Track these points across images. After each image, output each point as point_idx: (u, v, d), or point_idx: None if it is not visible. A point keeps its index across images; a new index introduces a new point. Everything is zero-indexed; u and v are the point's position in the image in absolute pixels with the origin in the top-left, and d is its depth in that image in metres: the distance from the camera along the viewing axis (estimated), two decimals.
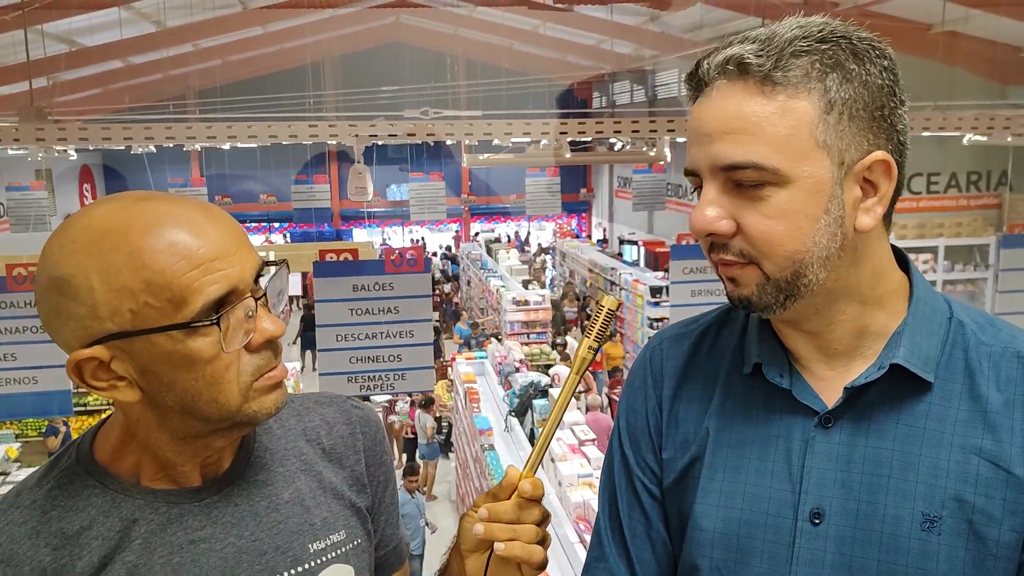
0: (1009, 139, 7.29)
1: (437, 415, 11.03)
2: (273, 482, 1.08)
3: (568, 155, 9.17)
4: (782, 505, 1.01)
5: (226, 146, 12.09)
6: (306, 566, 1.05)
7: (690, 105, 1.00)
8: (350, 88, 15.10)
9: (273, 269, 1.01)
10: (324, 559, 1.07)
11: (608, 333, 1.06)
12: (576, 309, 15.58)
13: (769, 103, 0.91)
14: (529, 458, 1.06)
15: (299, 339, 15.06)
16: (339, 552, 1.09)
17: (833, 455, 0.99)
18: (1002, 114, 5.28)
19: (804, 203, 0.92)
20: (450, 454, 10.81)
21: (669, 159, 11.20)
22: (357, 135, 3.91)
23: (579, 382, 1.07)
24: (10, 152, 10.41)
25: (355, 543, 1.11)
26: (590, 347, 1.05)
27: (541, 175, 15.45)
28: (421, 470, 10.44)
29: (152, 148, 7.74)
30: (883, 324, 1.01)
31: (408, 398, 10.83)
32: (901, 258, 1.06)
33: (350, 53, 20.21)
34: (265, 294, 0.99)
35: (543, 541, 1.06)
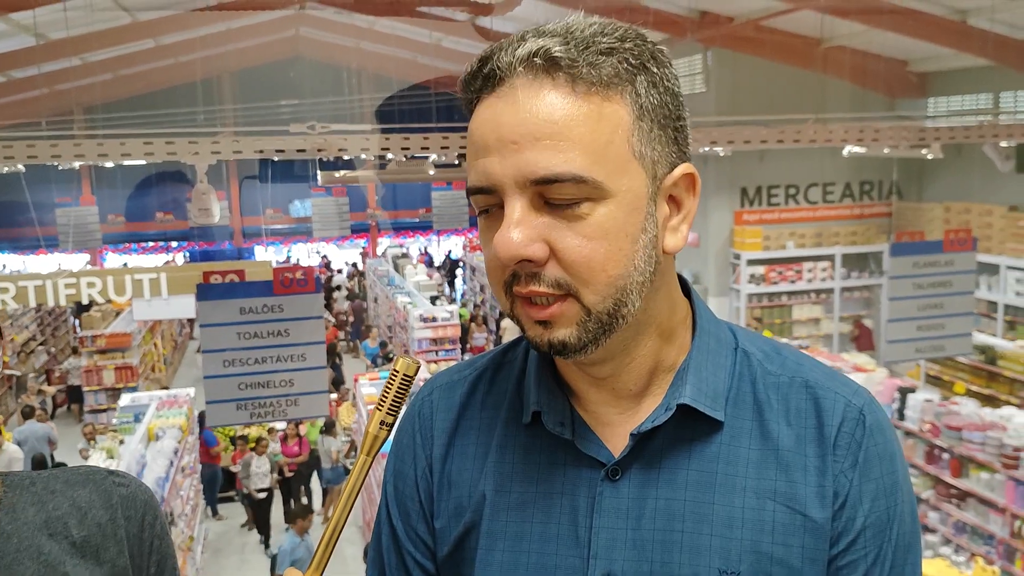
0: (886, 151, 7.52)
1: (344, 439, 10.73)
2: None
3: (432, 171, 9.05)
4: (571, 573, 0.89)
5: (109, 163, 11.56)
6: None
7: (467, 110, 0.85)
8: (247, 103, 14.66)
9: None
10: None
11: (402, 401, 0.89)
12: (485, 335, 15.41)
13: (584, 105, 0.78)
14: (315, 555, 0.86)
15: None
16: None
17: (623, 511, 0.88)
18: (871, 126, 5.40)
19: (624, 221, 0.80)
20: None
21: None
22: (197, 153, 3.69)
23: (371, 464, 0.88)
24: None
25: None
26: (383, 422, 0.87)
27: (447, 189, 15.32)
28: (328, 496, 10.14)
29: (20, 167, 7.26)
30: (673, 359, 0.91)
31: (280, 433, 10.32)
32: (683, 284, 0.95)
33: (248, 68, 19.71)
34: None
35: None
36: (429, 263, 22.61)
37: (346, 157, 10.22)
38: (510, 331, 14.99)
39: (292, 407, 6.10)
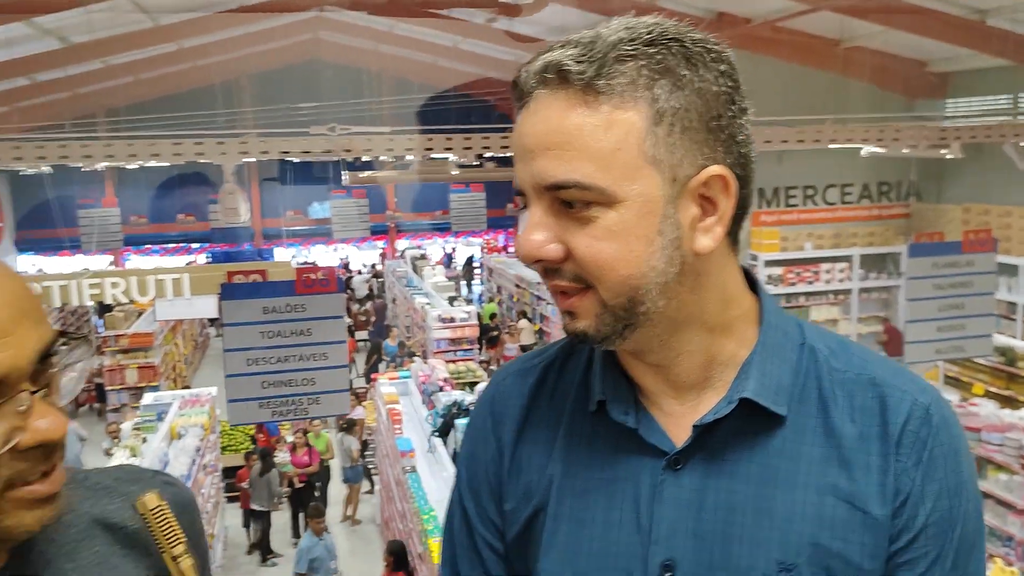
0: (905, 151, 7.49)
1: (364, 438, 10.81)
2: None
3: (455, 171, 9.11)
4: (631, 559, 0.92)
5: (133, 165, 11.71)
6: None
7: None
8: (266, 106, 14.79)
9: (64, 351, 0.82)
10: None
11: (179, 533, 0.95)
12: (517, 345, 15.37)
13: (593, 115, 0.82)
14: None
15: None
16: None
17: (684, 501, 0.91)
18: (891, 126, 5.41)
19: (635, 224, 0.83)
20: (374, 477, 10.61)
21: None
22: (224, 153, 3.76)
23: None
24: None
25: None
26: (173, 557, 0.93)
27: (466, 191, 15.40)
28: (347, 494, 10.22)
29: (46, 168, 7.39)
30: (732, 353, 0.93)
31: (288, 444, 10.18)
32: (749, 278, 0.98)
33: (268, 71, 19.88)
34: (49, 384, 0.79)
35: None
36: (448, 264, 22.71)
37: (365, 159, 10.31)
38: (526, 331, 15.04)
39: (313, 405, 6.18)
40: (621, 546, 0.92)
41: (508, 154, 11.15)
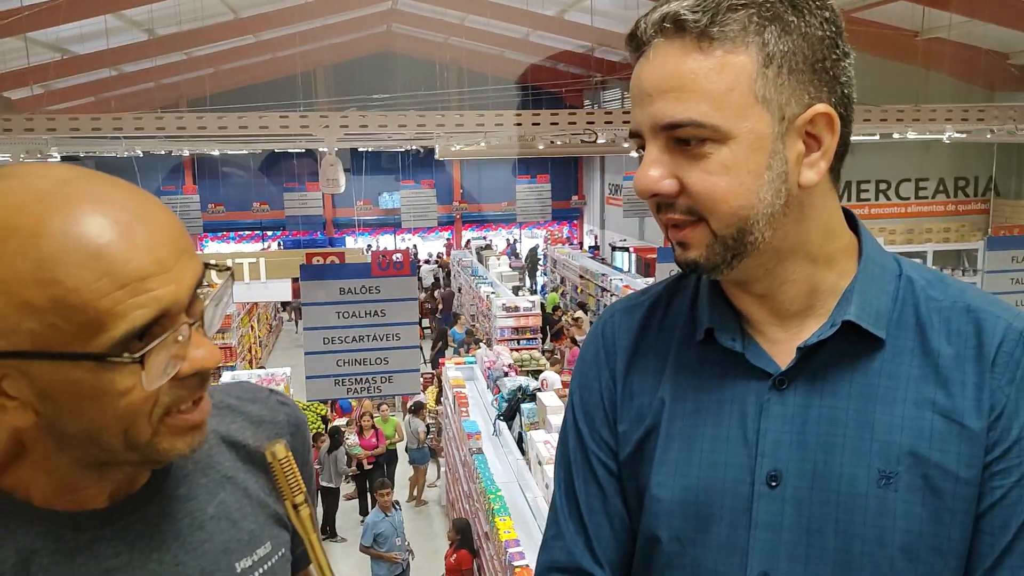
0: (989, 136, 7.33)
1: (430, 420, 11.04)
2: (196, 495, 0.94)
3: (541, 146, 9.20)
4: (739, 470, 1.00)
5: (215, 152, 12.09)
6: None
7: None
8: (342, 96, 15.12)
9: (217, 285, 0.86)
10: None
11: (301, 484, 0.99)
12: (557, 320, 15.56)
13: (707, 59, 0.90)
14: None
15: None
16: (265, 568, 0.98)
17: (788, 417, 0.99)
18: (976, 107, 5.33)
19: (746, 159, 0.91)
20: (440, 459, 10.82)
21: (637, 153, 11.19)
22: (327, 126, 3.94)
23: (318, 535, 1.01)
24: None
25: (279, 554, 1.01)
26: (295, 505, 0.98)
27: (532, 182, 15.55)
28: (412, 475, 10.46)
29: (139, 152, 7.76)
30: (833, 283, 1.01)
31: (355, 427, 10.34)
32: (849, 217, 1.05)
33: (342, 62, 20.27)
34: (203, 316, 0.82)
35: None
36: (512, 254, 22.86)
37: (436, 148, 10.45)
38: (584, 323, 15.11)
39: (386, 384, 6.36)
40: (730, 458, 1.01)
41: (578, 137, 11.20)
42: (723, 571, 1.00)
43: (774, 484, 0.98)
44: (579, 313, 15.66)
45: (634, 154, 1.03)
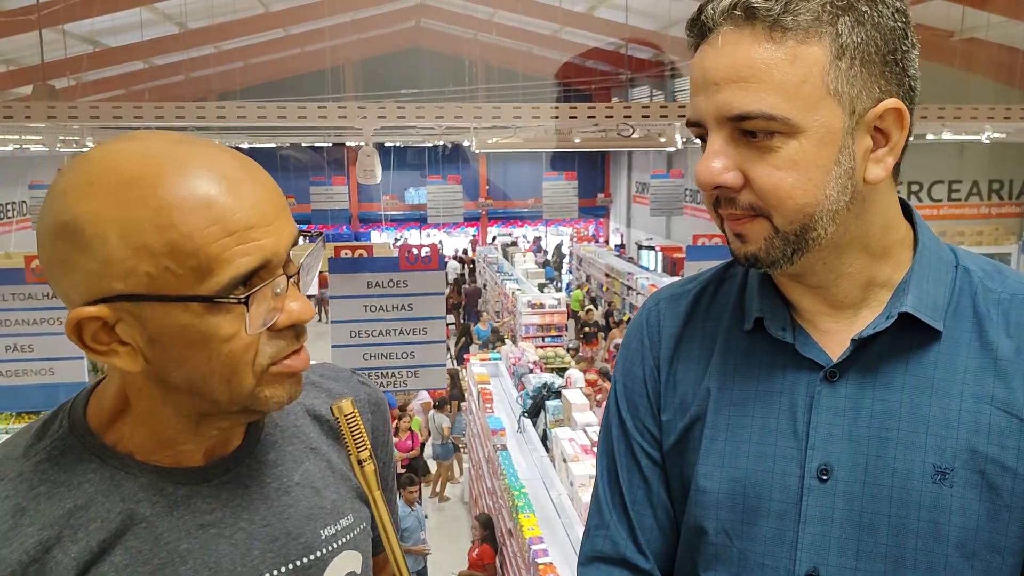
0: None
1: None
2: (283, 462, 1.00)
3: (578, 140, 9.19)
4: (788, 462, 0.98)
5: (244, 144, 12.16)
6: (318, 554, 0.98)
7: (692, 53, 0.95)
8: (370, 91, 15.16)
9: (312, 246, 0.92)
10: (335, 546, 1.00)
11: (366, 440, 1.02)
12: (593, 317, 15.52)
13: (778, 49, 0.86)
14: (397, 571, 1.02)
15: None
16: (348, 538, 1.02)
17: (840, 409, 0.96)
18: (1019, 106, 5.22)
19: (815, 154, 0.88)
20: (463, 455, 10.83)
21: (680, 144, 11.10)
22: (365, 117, 3.94)
23: (382, 496, 1.04)
24: (32, 149, 10.54)
25: (361, 527, 1.05)
26: (359, 460, 1.01)
27: (559, 179, 15.49)
28: (434, 471, 10.47)
29: None
30: (889, 275, 0.98)
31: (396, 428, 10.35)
32: (905, 207, 1.03)
33: (370, 57, 20.34)
34: (298, 272, 0.88)
35: None
36: (537, 251, 22.85)
37: (465, 144, 10.43)
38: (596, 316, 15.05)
39: (412, 378, 6.38)
40: (779, 451, 0.99)
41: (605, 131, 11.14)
42: (771, 565, 0.98)
43: (825, 478, 0.96)
44: (589, 307, 15.63)
45: (669, 146, 0.99)
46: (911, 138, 0.95)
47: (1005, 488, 0.91)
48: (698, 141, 0.97)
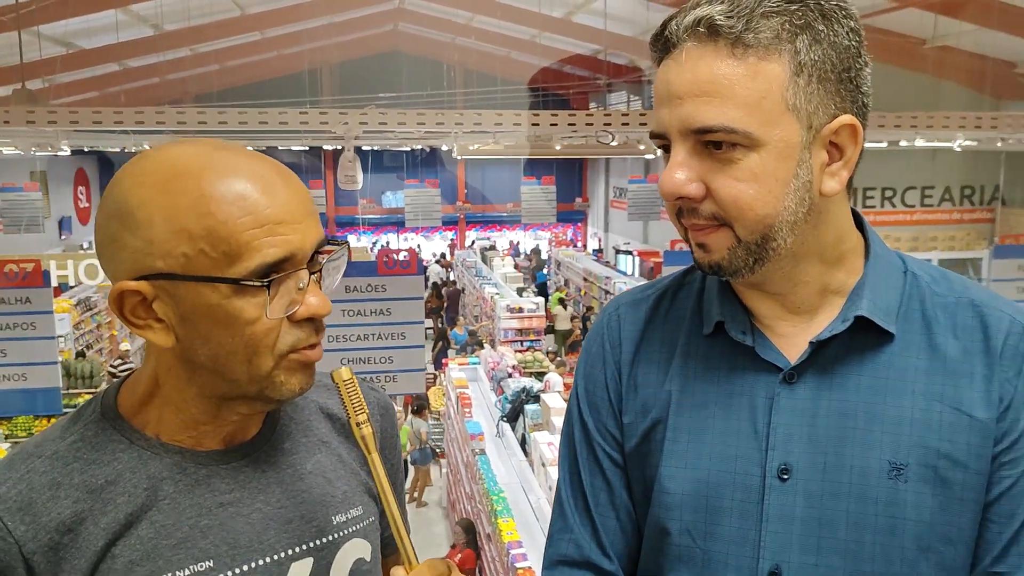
0: (999, 144, 7.31)
1: (433, 421, 11.01)
2: (297, 451, 1.07)
3: (558, 147, 9.21)
4: (749, 463, 1.01)
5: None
6: (329, 537, 1.05)
7: (655, 67, 0.98)
8: (348, 95, 15.12)
9: (335, 249, 0.99)
10: (345, 532, 1.07)
11: (364, 405, 1.04)
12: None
13: (740, 65, 0.90)
14: (402, 555, 1.00)
15: None
16: (358, 527, 1.08)
17: (798, 410, 1.00)
18: (989, 114, 5.32)
19: (774, 167, 0.92)
20: (441, 460, 10.81)
21: (659, 152, 11.21)
22: (347, 123, 3.93)
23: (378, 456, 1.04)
24: (5, 152, 10.41)
25: (370, 520, 1.11)
26: (357, 423, 1.02)
27: (536, 183, 15.49)
28: (411, 476, 10.44)
29: (146, 146, 7.78)
30: (843, 281, 1.02)
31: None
32: (856, 217, 1.07)
33: (348, 60, 20.27)
34: (321, 271, 0.96)
35: None
36: (516, 254, 22.86)
37: (444, 148, 10.41)
38: (561, 318, 15.07)
39: (391, 383, 6.34)
40: (740, 451, 1.01)
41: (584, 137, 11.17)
42: (734, 564, 1.01)
43: (785, 477, 0.99)
44: (557, 308, 15.67)
45: (645, 156, 1.01)
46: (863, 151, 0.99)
47: (956, 482, 0.95)
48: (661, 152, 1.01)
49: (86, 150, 14.36)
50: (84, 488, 0.92)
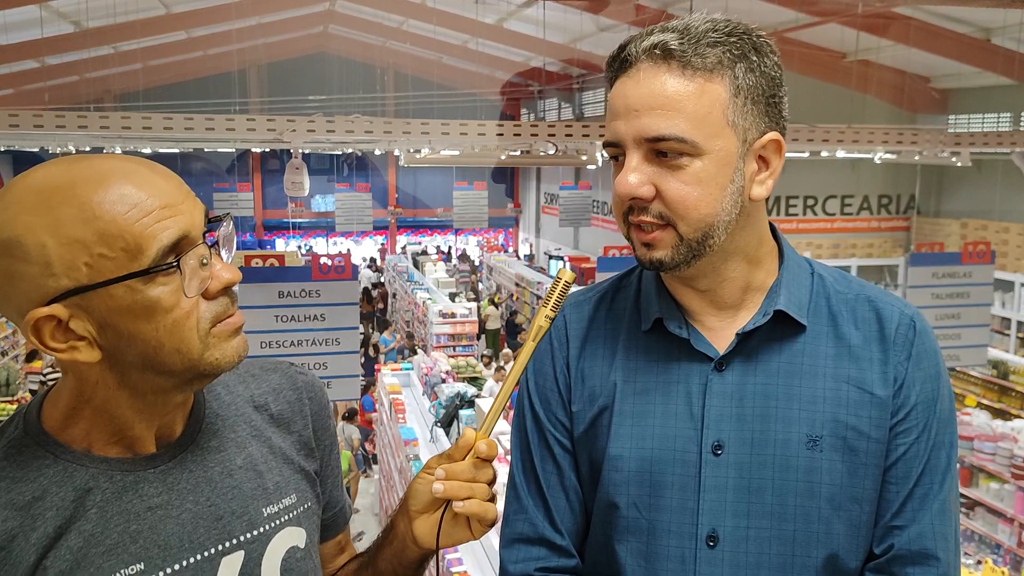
0: (917, 158, 7.63)
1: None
2: (226, 448, 1.08)
3: (503, 156, 9.23)
4: (687, 441, 1.14)
5: (146, 149, 11.79)
6: (261, 529, 1.07)
7: (608, 84, 1.12)
8: (276, 96, 14.90)
9: (222, 218, 1.02)
10: (277, 522, 1.09)
11: (559, 305, 1.15)
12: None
13: (689, 84, 1.05)
14: (484, 420, 1.12)
15: None
16: (291, 515, 1.11)
17: (728, 393, 1.14)
18: (910, 128, 5.56)
19: (715, 173, 1.06)
20: (373, 467, 10.73)
21: (600, 163, 11.37)
22: (295, 130, 3.88)
23: (534, 349, 1.15)
24: None
25: (305, 506, 1.14)
26: (547, 316, 1.13)
27: (469, 188, 15.50)
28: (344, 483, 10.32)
29: (71, 147, 7.53)
30: (762, 280, 1.18)
31: None
32: (770, 226, 1.22)
33: (277, 61, 19.97)
34: (218, 243, 0.99)
35: (494, 499, 1.13)
36: (447, 260, 22.80)
37: (378, 152, 10.32)
38: (492, 318, 15.18)
39: (326, 389, 6.26)
40: (679, 432, 1.15)
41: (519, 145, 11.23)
42: (676, 531, 1.14)
43: (719, 452, 1.13)
44: (489, 308, 15.83)
45: (593, 163, 1.11)
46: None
47: (861, 449, 1.12)
48: (608, 159, 1.16)
49: (1, 149, 13.81)
50: (11, 506, 0.93)
